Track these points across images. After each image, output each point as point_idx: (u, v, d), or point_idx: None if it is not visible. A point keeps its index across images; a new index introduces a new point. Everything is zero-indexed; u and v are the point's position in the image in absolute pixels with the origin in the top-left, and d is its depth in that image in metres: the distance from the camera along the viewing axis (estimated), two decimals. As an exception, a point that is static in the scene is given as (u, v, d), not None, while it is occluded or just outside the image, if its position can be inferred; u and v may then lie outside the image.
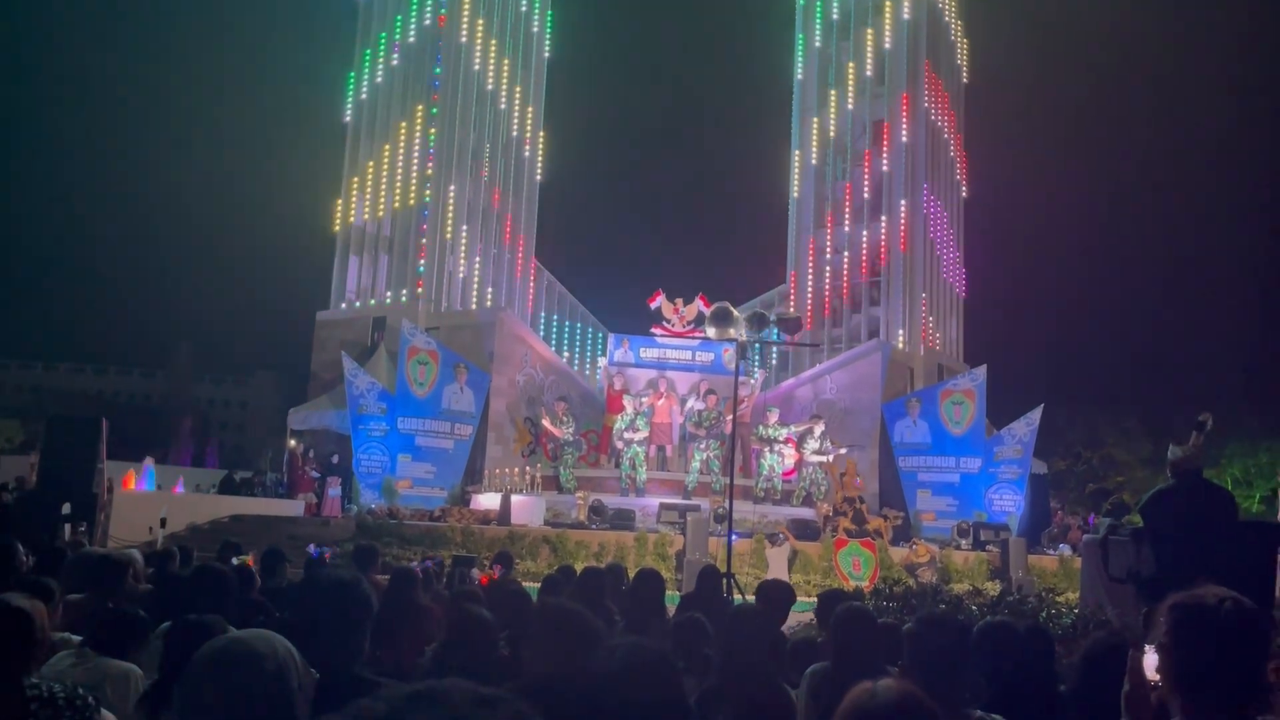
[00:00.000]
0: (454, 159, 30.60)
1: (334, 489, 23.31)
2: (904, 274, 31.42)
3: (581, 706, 2.57)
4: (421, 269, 29.82)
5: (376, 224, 31.00)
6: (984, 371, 26.32)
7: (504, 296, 31.84)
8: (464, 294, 30.80)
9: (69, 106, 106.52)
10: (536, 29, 34.30)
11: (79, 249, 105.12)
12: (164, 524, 18.68)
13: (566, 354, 33.33)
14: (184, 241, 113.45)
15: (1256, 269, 60.91)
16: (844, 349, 30.60)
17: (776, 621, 6.25)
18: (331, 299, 31.13)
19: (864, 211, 32.63)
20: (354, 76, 32.00)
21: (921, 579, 17.21)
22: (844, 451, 24.09)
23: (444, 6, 31.31)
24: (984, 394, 25.93)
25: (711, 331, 16.92)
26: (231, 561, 9.00)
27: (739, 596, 12.80)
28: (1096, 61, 79.67)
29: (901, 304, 31.29)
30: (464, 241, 30.86)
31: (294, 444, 26.30)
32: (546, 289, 34.56)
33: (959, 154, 35.70)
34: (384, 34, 31.85)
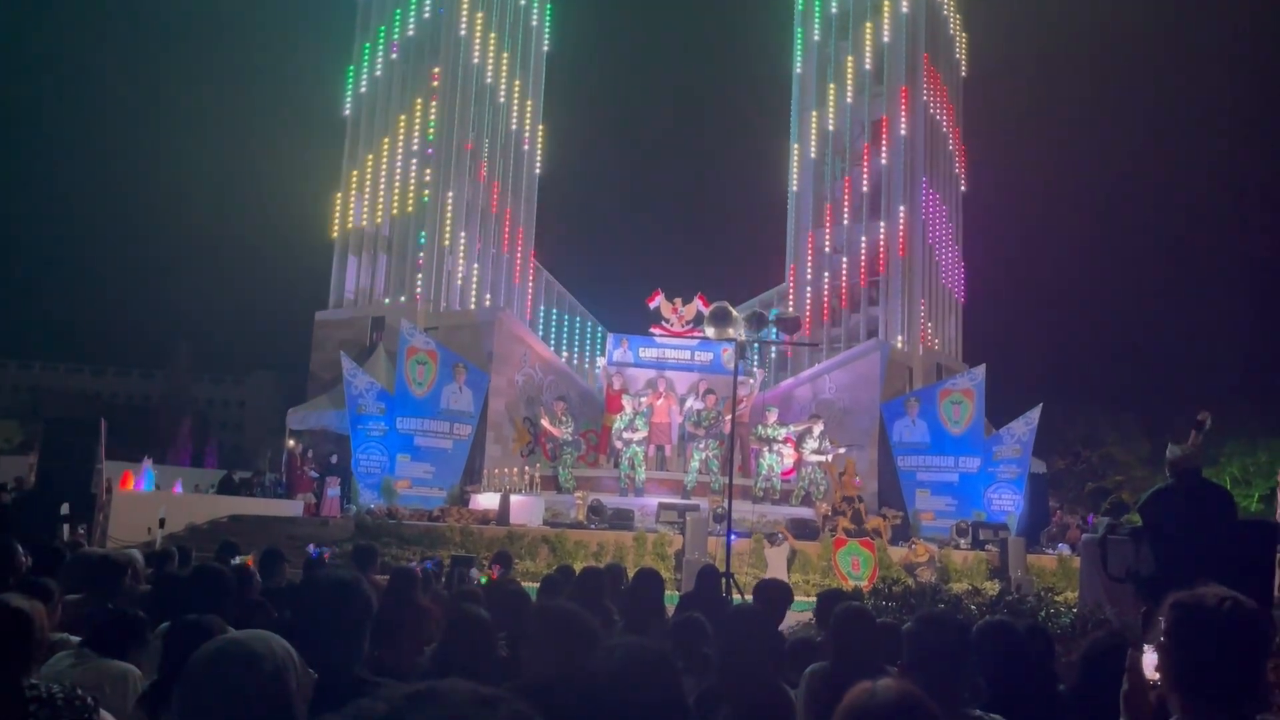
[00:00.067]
0: (453, 155, 30.57)
1: (333, 489, 23.31)
2: (903, 276, 31.42)
3: (581, 706, 2.57)
4: (421, 258, 29.80)
5: (375, 224, 30.98)
6: (983, 371, 26.33)
7: (503, 296, 31.82)
8: (463, 294, 30.79)
9: (67, 105, 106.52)
10: (535, 23, 34.32)
11: (77, 249, 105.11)
12: (163, 524, 18.67)
13: (565, 353, 33.31)
14: (182, 241, 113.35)
15: (1256, 267, 60.95)
16: (843, 349, 30.59)
17: (774, 621, 6.26)
18: (330, 299, 31.13)
19: (863, 209, 32.61)
20: (353, 71, 32.00)
21: (920, 578, 17.22)
22: (843, 451, 24.09)
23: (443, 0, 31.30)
24: (983, 393, 25.94)
25: (710, 331, 16.94)
26: (230, 562, 8.99)
27: (738, 596, 12.80)
28: (1095, 55, 79.68)
29: (900, 304, 31.28)
30: (463, 241, 30.84)
31: (293, 444, 26.29)
32: (545, 288, 34.55)
33: (958, 148, 35.67)
34: (383, 28, 31.85)
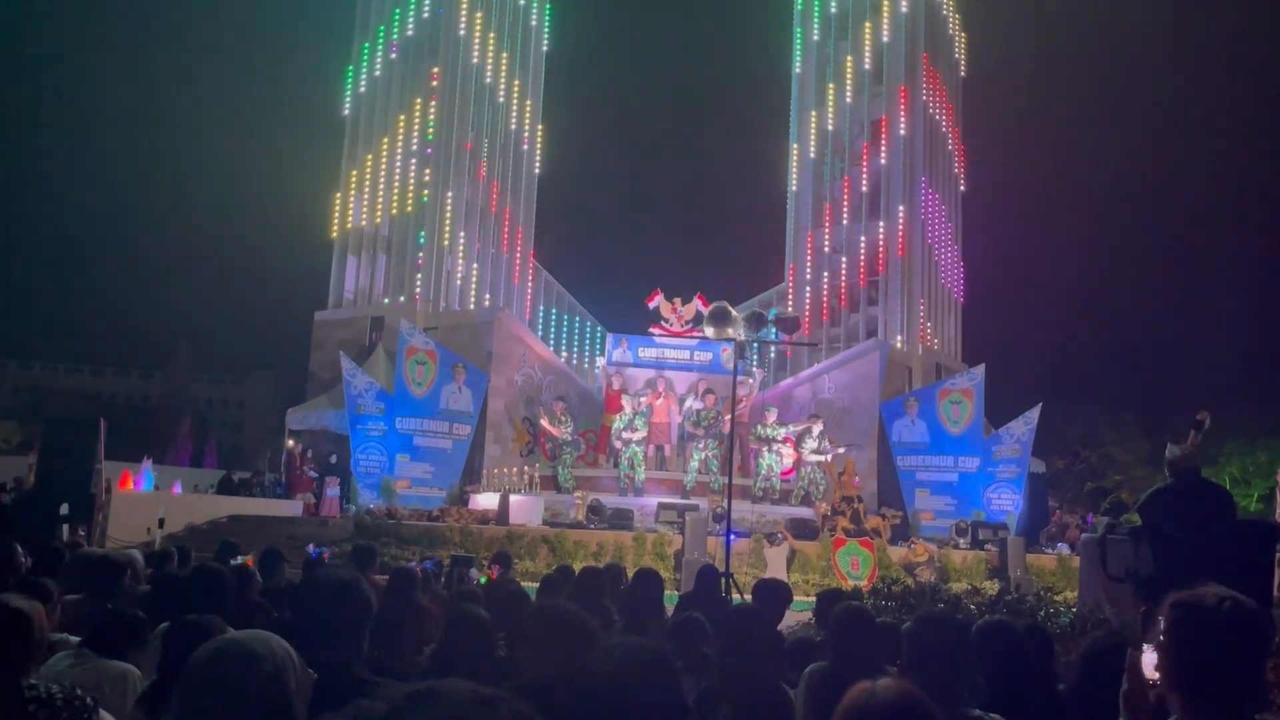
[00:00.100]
0: (452, 154, 30.56)
1: (332, 489, 23.31)
2: (902, 276, 31.42)
3: (581, 706, 2.57)
4: (420, 258, 29.79)
5: (375, 224, 30.97)
6: (982, 371, 26.33)
7: (502, 296, 31.81)
8: (462, 294, 30.78)
9: (66, 105, 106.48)
10: (535, 23, 34.32)
11: (77, 249, 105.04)
12: (162, 524, 18.67)
13: (565, 353, 33.29)
14: (182, 241, 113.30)
15: (1256, 267, 60.90)
16: (842, 348, 30.58)
17: (773, 621, 6.26)
18: (330, 299, 31.12)
19: (862, 209, 32.60)
20: (352, 70, 31.99)
21: (920, 578, 17.23)
22: (842, 451, 24.08)
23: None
24: (982, 393, 25.94)
25: (710, 331, 16.95)
26: (230, 562, 8.99)
27: (737, 596, 12.81)
28: (1094, 54, 79.62)
29: (900, 304, 31.27)
30: (462, 241, 30.84)
31: (292, 444, 26.29)
32: (545, 288, 34.55)
33: (957, 148, 35.67)
34: (382, 28, 31.85)
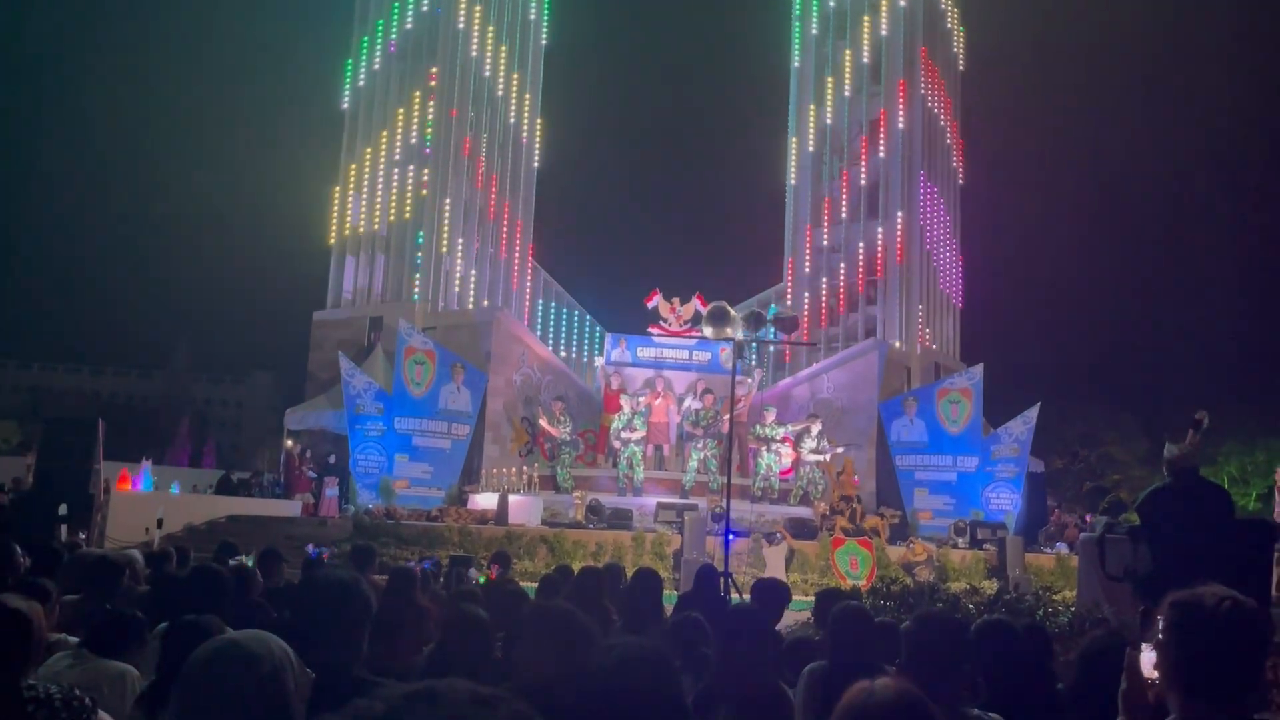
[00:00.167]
0: (451, 151, 30.54)
1: (331, 489, 23.30)
2: (900, 275, 31.43)
3: (580, 706, 2.56)
4: (419, 262, 29.77)
5: (373, 225, 30.94)
6: (981, 370, 26.35)
7: (501, 295, 31.81)
8: (461, 293, 30.77)
9: (65, 105, 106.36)
10: (534, 17, 34.31)
11: (76, 249, 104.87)
12: (161, 525, 18.66)
13: (564, 353, 33.27)
14: (181, 241, 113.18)
15: (1255, 267, 60.79)
16: (841, 348, 30.59)
17: (772, 620, 6.26)
18: (328, 299, 31.11)
19: (861, 205, 32.60)
20: (351, 64, 31.97)
21: (919, 578, 17.24)
22: (841, 450, 24.09)
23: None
24: (981, 393, 25.95)
25: (708, 331, 16.97)
26: (229, 562, 8.99)
27: (736, 596, 12.81)
28: (1093, 49, 79.40)
29: (898, 303, 31.28)
30: (461, 240, 30.83)
31: (291, 444, 26.28)
32: (543, 287, 34.54)
33: (955, 142, 35.69)
34: (381, 21, 31.84)
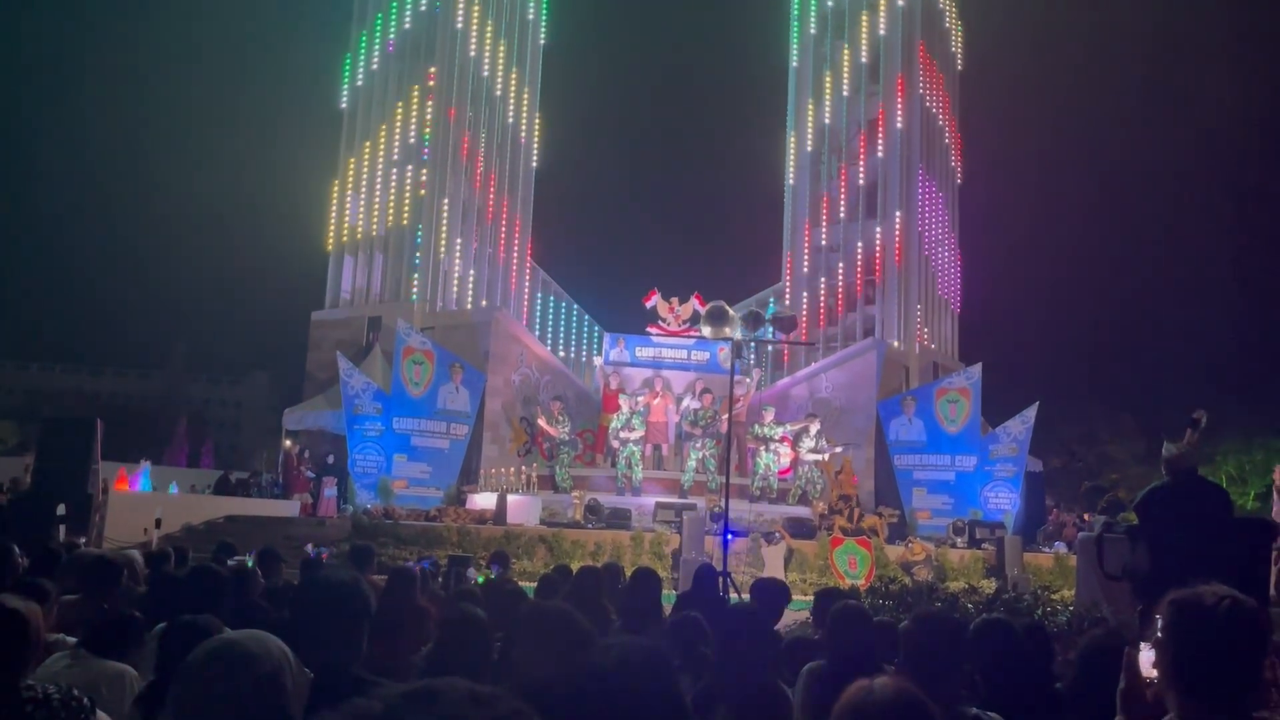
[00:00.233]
0: (450, 149, 30.54)
1: (329, 489, 23.31)
2: (899, 277, 31.44)
3: (578, 705, 2.56)
4: (418, 261, 29.76)
5: (371, 225, 30.94)
6: (979, 370, 26.37)
7: (499, 295, 31.81)
8: (459, 293, 30.77)
9: (65, 104, 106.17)
10: (532, 16, 34.32)
11: (74, 249, 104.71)
12: (159, 525, 18.66)
13: (562, 352, 33.28)
14: (179, 241, 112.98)
15: (1254, 266, 60.75)
16: (839, 347, 30.61)
17: (771, 620, 6.26)
18: (326, 299, 31.11)
19: (859, 203, 32.61)
20: (349, 63, 31.96)
21: (917, 577, 17.24)
22: (840, 450, 24.10)
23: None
24: (979, 392, 25.97)
25: (707, 330, 16.98)
26: (228, 562, 8.98)
27: (735, 595, 12.81)
28: (1092, 46, 79.33)
29: (897, 302, 31.30)
30: (459, 240, 30.82)
31: (289, 444, 26.29)
32: (542, 287, 34.55)
33: (954, 140, 35.71)
34: (379, 20, 31.83)
